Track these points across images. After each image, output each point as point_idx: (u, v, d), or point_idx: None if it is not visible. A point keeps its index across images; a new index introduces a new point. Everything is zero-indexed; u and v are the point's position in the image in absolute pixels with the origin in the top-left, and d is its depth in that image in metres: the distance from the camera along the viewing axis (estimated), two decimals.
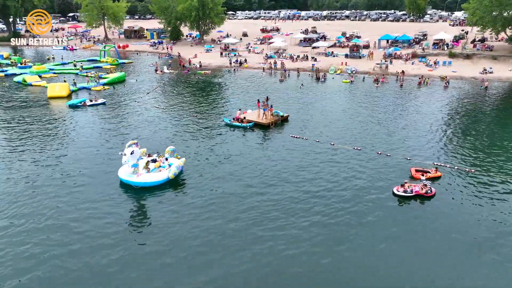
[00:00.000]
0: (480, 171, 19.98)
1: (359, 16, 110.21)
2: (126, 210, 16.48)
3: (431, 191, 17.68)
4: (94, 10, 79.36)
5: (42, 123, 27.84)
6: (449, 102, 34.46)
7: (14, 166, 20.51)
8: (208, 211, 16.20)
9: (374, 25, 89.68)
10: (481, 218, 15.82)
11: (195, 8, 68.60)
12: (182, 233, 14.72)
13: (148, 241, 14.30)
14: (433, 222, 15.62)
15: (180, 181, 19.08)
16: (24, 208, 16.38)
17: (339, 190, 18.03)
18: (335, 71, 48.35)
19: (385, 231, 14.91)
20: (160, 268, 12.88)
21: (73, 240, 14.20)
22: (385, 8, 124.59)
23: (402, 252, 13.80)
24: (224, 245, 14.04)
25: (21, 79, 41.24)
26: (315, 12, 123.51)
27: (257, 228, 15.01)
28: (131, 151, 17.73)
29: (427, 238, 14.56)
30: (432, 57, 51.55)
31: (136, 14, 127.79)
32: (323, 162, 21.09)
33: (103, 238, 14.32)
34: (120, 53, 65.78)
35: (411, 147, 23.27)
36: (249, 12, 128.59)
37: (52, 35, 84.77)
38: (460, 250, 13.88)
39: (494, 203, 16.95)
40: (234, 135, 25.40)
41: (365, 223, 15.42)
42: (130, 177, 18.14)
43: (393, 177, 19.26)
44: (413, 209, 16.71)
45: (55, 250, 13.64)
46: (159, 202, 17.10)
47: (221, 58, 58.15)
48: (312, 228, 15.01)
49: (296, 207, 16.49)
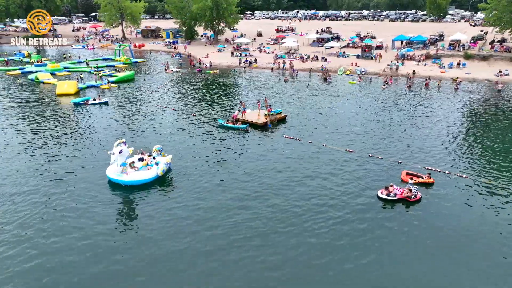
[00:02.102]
0: (476, 176, 19.25)
1: (377, 16, 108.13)
2: (114, 209, 16.48)
3: (415, 196, 17.19)
4: (112, 10, 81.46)
5: (44, 119, 28.78)
6: (457, 104, 33.33)
7: (11, 160, 21.31)
8: (194, 211, 16.31)
9: (392, 26, 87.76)
10: (465, 228, 15.25)
11: (209, 8, 69.28)
12: (172, 233, 14.65)
13: (135, 242, 14.44)
14: (408, 227, 15.17)
15: (168, 181, 19.07)
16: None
17: (322, 191, 17.78)
18: (344, 71, 47.69)
19: (363, 236, 14.61)
20: (149, 268, 13.02)
21: (56, 241, 14.27)
22: (407, 8, 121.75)
23: (376, 259, 13.49)
24: (213, 246, 13.94)
25: (34, 77, 42.76)
26: (333, 12, 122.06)
27: (236, 233, 14.96)
28: (120, 150, 17.94)
29: (395, 244, 14.17)
30: (447, 58, 50.02)
31: (156, 14, 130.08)
32: (311, 163, 20.84)
33: (85, 240, 14.16)
34: (135, 52, 67.29)
35: (405, 150, 22.67)
36: (267, 12, 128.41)
37: (72, 35, 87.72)
38: (438, 255, 13.44)
39: (482, 213, 16.32)
40: (228, 136, 25.28)
41: (347, 227, 15.14)
42: (119, 176, 18.34)
43: (381, 180, 18.81)
44: (392, 213, 16.27)
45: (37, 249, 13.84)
46: (148, 203, 16.89)
47: (232, 58, 58.40)
48: (287, 228, 14.91)
49: (278, 211, 16.39)
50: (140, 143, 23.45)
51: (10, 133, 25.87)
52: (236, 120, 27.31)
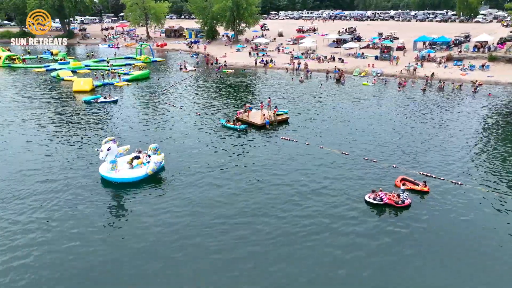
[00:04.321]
0: (473, 185, 18.39)
1: (404, 16, 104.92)
2: (105, 206, 16.85)
3: (403, 202, 16.62)
4: (137, 10, 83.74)
5: (54, 115, 30.09)
6: (473, 109, 31.84)
7: (15, 154, 22.41)
8: (185, 210, 16.55)
9: (419, 26, 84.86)
10: (449, 238, 14.62)
11: (230, 8, 69.77)
12: (162, 231, 14.85)
13: (123, 240, 14.79)
14: (388, 233, 14.71)
15: (160, 179, 19.28)
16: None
17: (308, 193, 17.57)
18: (359, 73, 46.74)
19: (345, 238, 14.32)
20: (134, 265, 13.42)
21: (48, 237, 14.74)
22: (438, 7, 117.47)
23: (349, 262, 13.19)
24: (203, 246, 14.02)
25: (56, 74, 44.69)
26: (359, 12, 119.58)
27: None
28: (108, 147, 18.38)
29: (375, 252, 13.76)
30: (471, 60, 47.86)
31: (182, 14, 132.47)
32: (303, 164, 20.61)
33: (72, 241, 14.35)
34: (158, 51, 68.96)
35: (402, 155, 21.98)
36: (291, 12, 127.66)
37: (100, 34, 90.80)
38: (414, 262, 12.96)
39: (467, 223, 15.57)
40: (226, 136, 25.34)
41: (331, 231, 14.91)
42: (109, 173, 18.81)
43: (372, 184, 18.32)
44: (374, 218, 15.83)
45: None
46: (138, 202, 17.11)
47: (249, 58, 58.55)
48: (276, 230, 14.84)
49: (266, 209, 16.38)
50: (140, 141, 23.99)
51: (18, 127, 27.17)
52: (238, 120, 27.43)
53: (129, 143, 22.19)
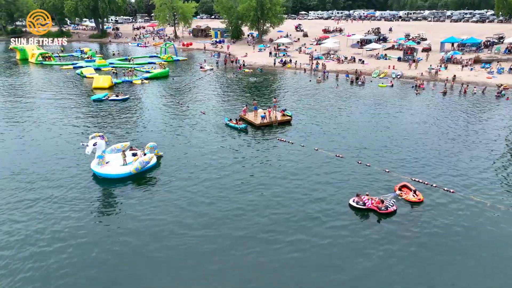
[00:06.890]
0: (469, 195, 17.43)
1: (438, 16, 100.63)
2: (98, 203, 17.27)
3: (387, 209, 16.02)
4: (166, 10, 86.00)
5: (63, 111, 31.60)
6: (490, 115, 30.04)
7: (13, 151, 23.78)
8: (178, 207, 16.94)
9: (452, 26, 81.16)
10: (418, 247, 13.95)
11: (254, 9, 70.10)
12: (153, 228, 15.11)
13: (109, 237, 15.32)
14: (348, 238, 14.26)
15: (148, 178, 19.48)
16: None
17: (295, 195, 17.37)
18: (378, 74, 45.41)
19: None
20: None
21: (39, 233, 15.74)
22: (478, 7, 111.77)
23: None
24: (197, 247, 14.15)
25: (80, 71, 46.84)
26: (390, 12, 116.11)
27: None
28: (94, 142, 18.97)
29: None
30: (502, 62, 45.15)
31: (212, 13, 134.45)
32: (295, 166, 20.38)
33: (61, 240, 14.54)
34: (183, 50, 70.66)
35: (398, 160, 21.18)
36: (321, 12, 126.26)
37: (131, 33, 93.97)
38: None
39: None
40: (225, 135, 25.44)
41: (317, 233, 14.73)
42: (96, 168, 19.38)
43: (361, 188, 17.81)
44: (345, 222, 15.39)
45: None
46: (130, 197, 17.51)
47: (269, 58, 58.44)
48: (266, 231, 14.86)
49: (256, 211, 16.41)
50: (141, 139, 24.64)
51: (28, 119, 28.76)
52: (241, 119, 27.56)
53: (130, 140, 22.96)
